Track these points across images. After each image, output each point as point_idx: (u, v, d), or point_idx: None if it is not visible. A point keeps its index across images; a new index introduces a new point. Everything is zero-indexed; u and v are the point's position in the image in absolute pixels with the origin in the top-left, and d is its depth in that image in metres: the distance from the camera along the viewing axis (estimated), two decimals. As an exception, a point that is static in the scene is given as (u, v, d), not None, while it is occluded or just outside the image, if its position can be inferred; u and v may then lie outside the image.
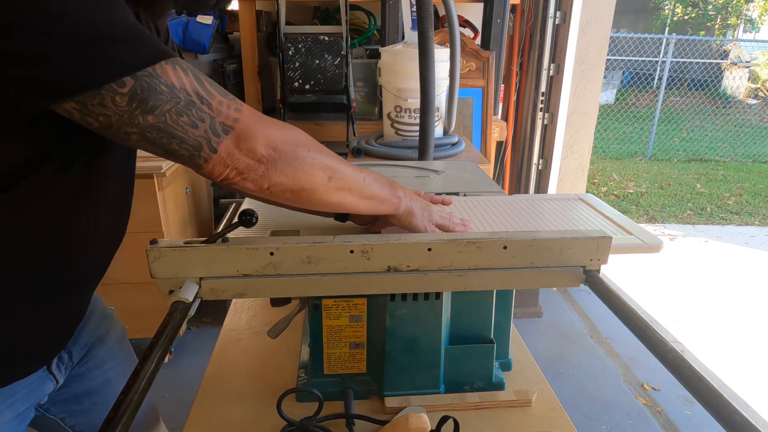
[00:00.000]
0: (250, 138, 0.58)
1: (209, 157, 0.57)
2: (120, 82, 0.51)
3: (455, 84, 1.79)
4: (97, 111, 0.52)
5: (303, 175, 0.62)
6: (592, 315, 2.85)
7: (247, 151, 0.58)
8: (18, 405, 0.73)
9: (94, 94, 0.50)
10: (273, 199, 0.66)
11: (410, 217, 0.76)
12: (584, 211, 1.01)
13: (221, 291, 0.69)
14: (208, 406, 0.83)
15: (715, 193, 5.45)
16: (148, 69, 0.52)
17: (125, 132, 0.54)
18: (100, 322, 0.91)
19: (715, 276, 3.50)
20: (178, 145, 0.56)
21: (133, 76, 0.51)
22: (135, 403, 0.46)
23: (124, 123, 0.53)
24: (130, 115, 0.53)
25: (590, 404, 2.18)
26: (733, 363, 2.54)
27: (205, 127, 0.56)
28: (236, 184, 0.61)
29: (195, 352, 2.41)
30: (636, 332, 0.59)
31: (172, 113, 0.54)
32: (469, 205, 1.02)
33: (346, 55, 2.16)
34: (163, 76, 0.53)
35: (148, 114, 0.53)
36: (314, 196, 0.65)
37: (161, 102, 0.53)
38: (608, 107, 8.63)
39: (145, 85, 0.52)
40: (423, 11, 0.91)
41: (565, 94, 2.78)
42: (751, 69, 10.68)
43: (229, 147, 0.57)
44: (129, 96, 0.51)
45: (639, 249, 0.84)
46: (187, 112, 0.55)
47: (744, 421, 0.45)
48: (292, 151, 0.61)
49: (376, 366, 0.83)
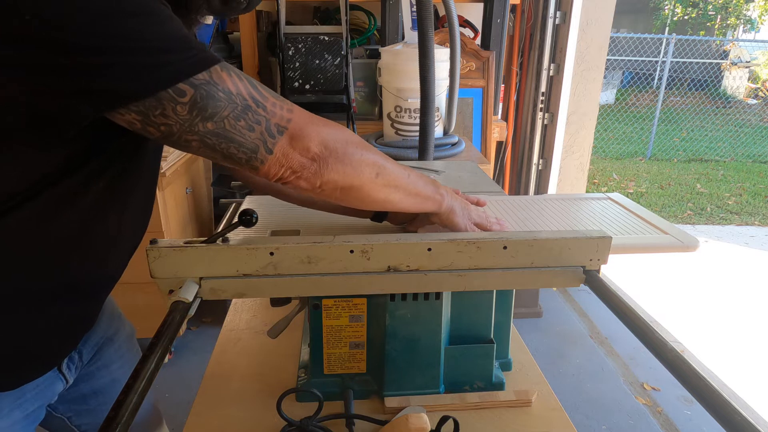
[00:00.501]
0: (303, 137, 0.60)
1: (266, 159, 0.59)
2: (180, 91, 0.52)
3: (455, 84, 1.79)
4: (158, 121, 0.53)
5: (352, 171, 0.64)
6: (592, 315, 2.85)
7: (301, 150, 0.60)
8: (27, 405, 0.73)
9: (155, 105, 0.52)
10: (323, 198, 0.67)
11: (452, 215, 0.76)
12: (616, 210, 1.00)
13: (221, 291, 0.69)
14: (208, 406, 0.83)
15: (715, 193, 5.45)
16: (205, 77, 0.53)
17: (185, 140, 0.56)
18: (110, 322, 0.91)
19: (715, 276, 3.50)
20: (236, 149, 0.57)
21: (192, 85, 0.53)
22: (135, 403, 0.46)
23: (185, 131, 0.55)
24: (191, 123, 0.54)
25: (590, 404, 2.18)
26: (733, 363, 2.54)
27: (261, 130, 0.57)
28: (291, 183, 0.62)
29: (195, 352, 2.40)
30: (636, 332, 0.59)
31: (230, 118, 0.55)
32: (499, 205, 1.03)
33: (346, 55, 2.16)
34: (220, 83, 0.54)
35: (207, 121, 0.55)
36: (362, 193, 0.66)
37: (220, 108, 0.55)
38: (608, 107, 8.62)
39: (204, 93, 0.53)
40: (423, 11, 0.91)
41: (565, 94, 2.78)
42: (751, 69, 10.68)
43: (284, 147, 0.59)
44: (189, 105, 0.53)
45: (675, 248, 0.84)
46: (244, 116, 0.56)
47: (744, 421, 0.45)
48: (342, 149, 0.63)
49: (376, 366, 0.83)
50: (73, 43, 0.47)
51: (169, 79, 0.52)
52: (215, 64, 0.55)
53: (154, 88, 0.51)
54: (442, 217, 0.76)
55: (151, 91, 0.51)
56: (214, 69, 0.54)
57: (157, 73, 0.51)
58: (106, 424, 0.44)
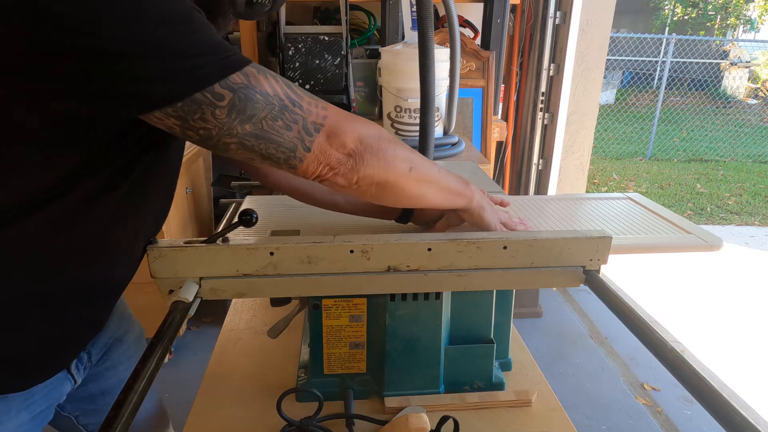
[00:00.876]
0: (339, 134, 0.60)
1: (304, 157, 0.60)
2: (218, 95, 0.53)
3: (455, 84, 1.79)
4: (198, 125, 0.54)
5: (387, 166, 0.64)
6: (592, 315, 2.85)
7: (338, 146, 0.61)
8: (36, 406, 0.72)
9: (194, 109, 0.53)
10: (359, 196, 0.67)
11: (482, 211, 0.77)
12: (637, 210, 1.00)
13: (221, 291, 0.69)
14: (208, 406, 0.83)
15: (715, 193, 5.44)
16: (243, 80, 0.54)
17: (224, 142, 0.56)
18: (120, 322, 0.91)
19: (715, 276, 3.50)
20: (275, 149, 0.58)
21: (231, 89, 0.53)
22: (135, 403, 0.46)
23: (224, 134, 0.55)
24: (229, 126, 0.55)
25: (590, 404, 2.18)
26: (733, 363, 2.54)
27: (298, 128, 0.58)
28: (328, 180, 0.63)
29: (195, 352, 2.40)
30: (636, 332, 0.59)
31: (268, 119, 0.56)
32: (517, 204, 1.02)
33: (346, 55, 2.15)
34: (257, 86, 0.55)
35: (245, 123, 0.55)
36: (397, 188, 0.67)
37: (258, 110, 0.55)
38: (608, 107, 8.62)
39: (243, 96, 0.54)
40: (423, 11, 0.91)
41: (565, 94, 2.78)
42: (751, 69, 10.67)
43: (321, 144, 0.60)
44: (228, 108, 0.54)
45: (699, 248, 0.84)
46: (281, 116, 0.57)
47: (744, 421, 0.45)
48: (377, 144, 0.63)
49: (376, 366, 0.83)
50: (108, 49, 0.48)
51: (203, 82, 0.52)
52: (247, 65, 0.55)
53: (188, 91, 0.52)
54: (473, 214, 0.77)
55: (186, 94, 0.52)
56: (251, 72, 0.55)
57: (191, 76, 0.52)
58: (106, 424, 0.44)
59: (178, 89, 0.51)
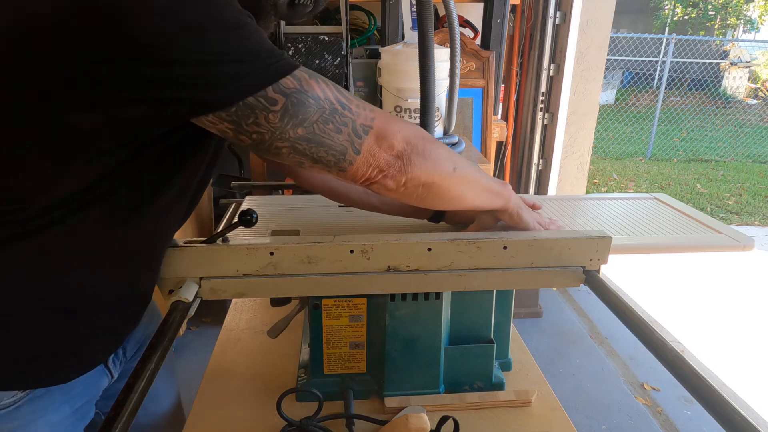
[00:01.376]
0: (387, 135, 0.61)
1: (354, 159, 0.60)
2: (272, 99, 0.54)
3: (455, 84, 1.79)
4: (251, 129, 0.55)
5: (433, 166, 0.65)
6: (592, 315, 2.85)
7: (387, 148, 0.61)
8: (76, 400, 0.73)
9: (248, 114, 0.54)
10: (404, 199, 0.68)
11: (521, 210, 0.77)
12: (666, 211, 1.00)
13: (221, 291, 0.69)
14: (208, 406, 0.83)
15: (715, 193, 5.44)
16: (295, 85, 0.55)
17: (276, 146, 0.57)
18: (150, 319, 0.91)
19: (715, 276, 3.50)
20: (325, 152, 0.59)
21: (284, 94, 0.54)
22: (135, 403, 0.46)
23: (276, 138, 0.56)
24: (282, 130, 0.56)
25: (590, 404, 2.18)
26: (733, 363, 2.54)
27: (348, 131, 0.59)
28: (378, 182, 0.63)
29: (195, 352, 2.40)
30: (635, 332, 0.59)
31: (319, 123, 0.57)
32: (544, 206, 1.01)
33: (346, 55, 2.15)
34: (309, 90, 0.56)
35: (298, 127, 0.56)
36: (442, 189, 0.67)
37: (309, 114, 0.56)
38: (608, 107, 8.62)
39: (295, 100, 0.55)
40: (423, 11, 0.91)
41: (565, 94, 2.78)
42: (751, 69, 10.67)
43: (371, 146, 0.61)
44: (281, 112, 0.55)
45: (732, 248, 0.84)
46: (332, 119, 0.58)
47: (743, 421, 0.45)
48: (422, 145, 0.64)
49: (376, 366, 0.83)
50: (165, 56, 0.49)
51: (257, 86, 0.53)
52: (298, 69, 0.56)
53: (242, 96, 0.53)
54: (512, 214, 0.76)
55: (239, 98, 0.53)
56: (302, 76, 0.56)
57: (244, 81, 0.53)
58: (106, 423, 0.44)
59: (232, 94, 0.52)
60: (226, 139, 0.60)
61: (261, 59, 0.54)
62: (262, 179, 2.39)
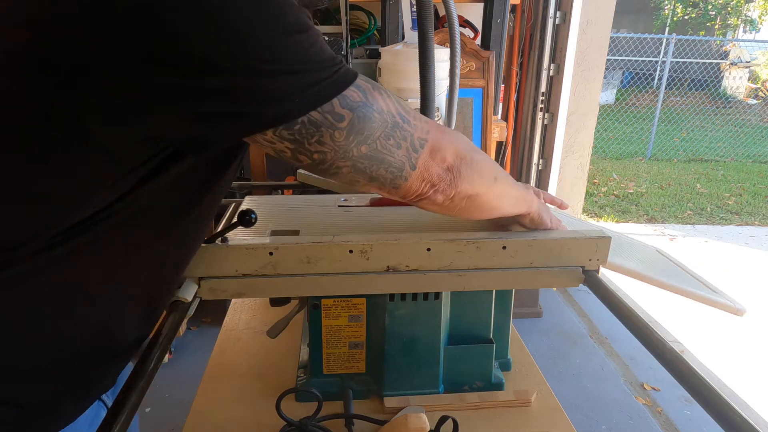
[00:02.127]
0: (441, 148, 0.58)
1: (409, 175, 0.57)
2: (338, 115, 0.49)
3: (455, 84, 1.79)
4: (313, 149, 0.50)
5: (480, 178, 0.62)
6: (592, 315, 2.85)
7: (440, 161, 0.58)
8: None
9: (312, 132, 0.49)
10: (446, 212, 0.65)
11: (543, 213, 0.74)
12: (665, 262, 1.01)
13: (220, 291, 0.69)
14: (208, 406, 0.83)
15: (715, 193, 5.44)
16: (360, 97, 0.50)
17: (336, 166, 0.53)
18: None
19: (716, 276, 3.50)
20: (385, 169, 0.55)
21: (350, 108, 0.49)
22: (134, 403, 0.46)
23: (339, 158, 0.52)
24: (347, 149, 0.51)
25: (590, 404, 2.18)
26: (733, 363, 2.54)
27: (407, 146, 0.55)
28: (428, 198, 0.60)
29: (195, 352, 2.40)
30: (635, 332, 0.59)
31: (381, 138, 0.53)
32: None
33: (346, 55, 2.15)
34: (374, 102, 0.52)
35: (362, 144, 0.52)
36: (483, 200, 0.64)
37: (374, 129, 0.52)
38: (608, 107, 8.62)
39: (362, 115, 0.51)
40: (423, 11, 0.91)
41: (565, 94, 2.78)
42: (751, 69, 10.67)
43: (426, 160, 0.57)
44: (347, 129, 0.50)
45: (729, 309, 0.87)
46: (393, 134, 0.54)
47: (743, 421, 0.45)
48: (470, 156, 0.61)
49: (376, 366, 0.83)
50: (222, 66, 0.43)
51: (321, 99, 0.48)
52: (358, 78, 0.51)
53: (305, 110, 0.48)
54: (534, 218, 0.74)
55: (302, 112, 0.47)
56: (366, 87, 0.51)
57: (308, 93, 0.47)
58: (105, 423, 0.44)
59: (298, 108, 0.47)
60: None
61: (326, 68, 0.48)
62: (262, 179, 2.39)
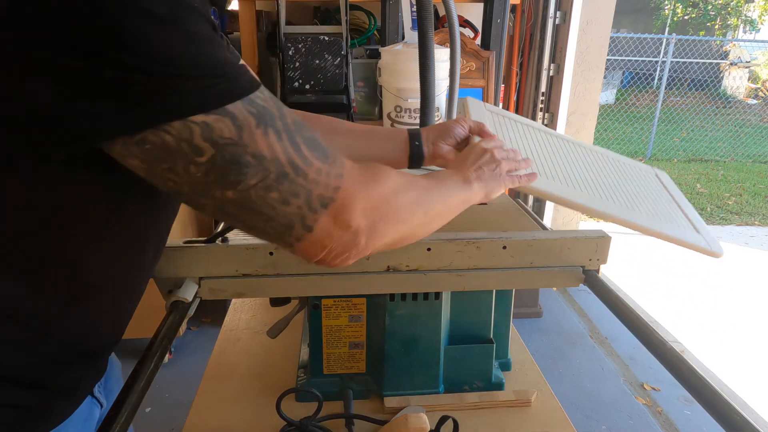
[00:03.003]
0: (350, 208, 0.48)
1: (302, 237, 0.47)
2: (197, 149, 0.41)
3: (455, 84, 1.79)
4: (165, 176, 0.42)
5: (404, 225, 0.55)
6: (592, 315, 2.85)
7: (345, 226, 0.48)
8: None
9: (162, 157, 0.41)
10: None
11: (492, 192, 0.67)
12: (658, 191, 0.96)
13: (220, 291, 0.69)
14: (208, 406, 0.83)
15: (715, 193, 5.44)
16: (232, 135, 0.41)
17: (198, 203, 0.45)
18: None
19: (716, 276, 3.50)
20: (263, 223, 0.46)
21: (214, 144, 0.41)
22: (134, 403, 0.46)
23: (197, 194, 0.44)
24: (205, 188, 0.43)
25: (590, 404, 2.18)
26: (733, 363, 2.54)
27: (299, 203, 0.45)
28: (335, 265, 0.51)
29: (195, 352, 2.40)
30: (635, 332, 0.59)
31: (258, 188, 0.44)
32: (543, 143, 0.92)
33: (346, 55, 2.15)
34: (250, 145, 0.42)
35: (227, 189, 0.43)
36: (418, 233, 0.58)
37: (244, 176, 0.43)
38: (608, 107, 8.62)
39: (228, 156, 0.41)
40: (423, 11, 0.91)
41: (565, 94, 2.78)
42: (751, 69, 10.68)
43: (327, 225, 0.47)
44: (206, 166, 0.41)
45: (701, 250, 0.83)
46: (277, 186, 0.44)
47: (743, 421, 0.45)
48: (393, 204, 0.53)
49: (376, 366, 0.83)
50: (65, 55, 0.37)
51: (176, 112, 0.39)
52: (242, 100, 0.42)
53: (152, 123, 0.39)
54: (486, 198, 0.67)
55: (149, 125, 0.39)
56: (246, 122, 0.42)
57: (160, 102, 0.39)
58: (105, 423, 0.44)
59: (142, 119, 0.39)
60: None
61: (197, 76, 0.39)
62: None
